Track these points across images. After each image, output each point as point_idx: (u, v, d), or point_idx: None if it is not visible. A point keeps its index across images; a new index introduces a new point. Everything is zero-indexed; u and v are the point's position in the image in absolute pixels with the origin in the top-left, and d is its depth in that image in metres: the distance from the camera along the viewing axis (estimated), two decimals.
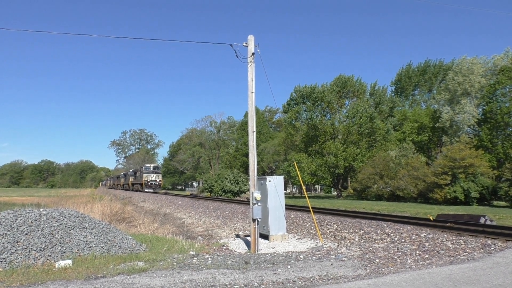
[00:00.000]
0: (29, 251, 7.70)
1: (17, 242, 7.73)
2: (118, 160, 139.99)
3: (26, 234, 7.99)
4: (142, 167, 60.46)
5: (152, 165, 60.77)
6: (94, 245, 8.60)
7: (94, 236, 8.84)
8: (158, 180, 58.20)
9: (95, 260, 7.93)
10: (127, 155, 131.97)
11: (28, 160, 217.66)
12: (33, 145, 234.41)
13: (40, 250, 7.82)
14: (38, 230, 8.19)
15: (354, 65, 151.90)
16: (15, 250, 7.57)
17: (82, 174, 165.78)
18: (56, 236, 8.29)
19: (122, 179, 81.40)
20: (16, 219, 8.24)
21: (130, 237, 9.65)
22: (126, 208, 23.07)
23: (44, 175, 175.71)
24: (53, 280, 6.53)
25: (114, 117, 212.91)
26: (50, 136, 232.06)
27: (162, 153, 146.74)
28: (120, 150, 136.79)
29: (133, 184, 65.93)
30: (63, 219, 8.80)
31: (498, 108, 36.11)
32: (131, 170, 76.91)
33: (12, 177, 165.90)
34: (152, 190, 54.23)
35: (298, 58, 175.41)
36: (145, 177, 56.77)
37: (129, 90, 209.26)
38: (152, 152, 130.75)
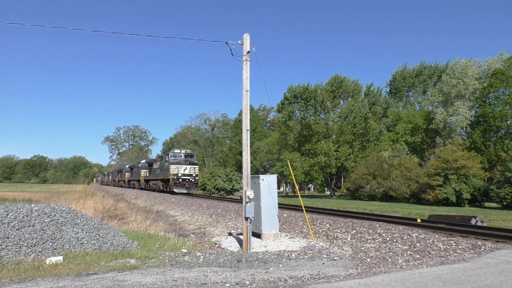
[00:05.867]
0: (20, 247, 7.64)
1: (7, 238, 7.68)
2: (111, 156, 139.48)
3: (17, 229, 7.94)
4: (167, 154, 39.63)
5: (183, 152, 39.33)
6: (85, 242, 8.56)
7: (86, 233, 8.80)
8: (194, 175, 37.27)
9: (87, 257, 7.89)
10: (120, 151, 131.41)
11: (20, 155, 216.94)
12: (25, 140, 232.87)
13: (31, 246, 7.77)
14: (29, 226, 8.14)
15: (350, 64, 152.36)
16: (6, 246, 7.52)
17: (75, 170, 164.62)
18: (48, 232, 8.24)
19: (126, 173, 62.97)
20: (7, 215, 8.18)
21: (122, 234, 9.62)
22: (119, 205, 22.99)
23: (37, 170, 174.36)
24: (43, 277, 6.49)
25: (108, 113, 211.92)
26: (43, 131, 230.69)
27: (156, 150, 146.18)
28: (113, 147, 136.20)
29: (147, 181, 47.78)
30: (55, 215, 8.75)
31: (491, 111, 36.41)
32: (143, 161, 56.63)
33: (4, 172, 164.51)
34: (185, 191, 36.07)
35: (294, 57, 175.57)
36: (174, 169, 36.56)
37: (123, 86, 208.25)
38: (146, 149, 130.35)
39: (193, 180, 36.87)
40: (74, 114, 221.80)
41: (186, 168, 36.92)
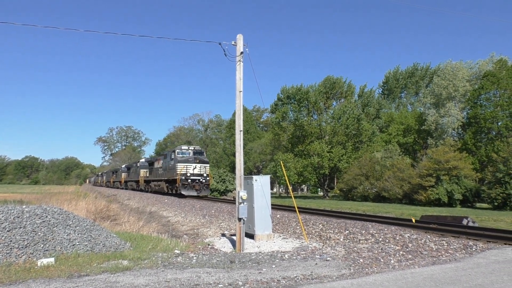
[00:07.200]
0: (11, 248, 7.57)
1: None
2: (104, 157, 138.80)
3: (7, 231, 7.85)
4: (173, 152, 33.66)
5: (191, 148, 33.70)
6: (77, 243, 8.49)
7: (78, 234, 8.74)
8: (205, 175, 31.96)
9: (79, 258, 7.84)
10: (113, 152, 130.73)
11: (11, 155, 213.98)
12: (17, 141, 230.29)
13: (22, 247, 7.70)
14: (20, 228, 8.06)
15: (346, 64, 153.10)
16: None
17: (67, 171, 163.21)
18: (39, 233, 8.16)
19: (123, 174, 57.11)
20: None
21: (115, 235, 9.57)
22: (111, 206, 22.88)
23: (28, 171, 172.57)
24: (35, 278, 6.43)
25: (101, 113, 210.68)
26: (35, 132, 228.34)
27: (149, 151, 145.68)
28: (106, 147, 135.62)
29: (147, 182, 42.45)
30: (46, 217, 8.68)
31: (482, 113, 36.76)
32: (142, 160, 51.22)
33: None
34: (195, 193, 30.89)
35: (288, 56, 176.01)
36: (182, 168, 31.11)
37: (116, 87, 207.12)
38: (139, 149, 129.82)
39: (203, 181, 31.61)
40: (66, 114, 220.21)
41: (195, 167, 31.68)
